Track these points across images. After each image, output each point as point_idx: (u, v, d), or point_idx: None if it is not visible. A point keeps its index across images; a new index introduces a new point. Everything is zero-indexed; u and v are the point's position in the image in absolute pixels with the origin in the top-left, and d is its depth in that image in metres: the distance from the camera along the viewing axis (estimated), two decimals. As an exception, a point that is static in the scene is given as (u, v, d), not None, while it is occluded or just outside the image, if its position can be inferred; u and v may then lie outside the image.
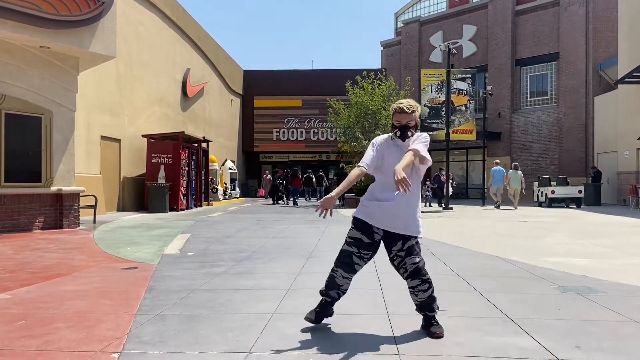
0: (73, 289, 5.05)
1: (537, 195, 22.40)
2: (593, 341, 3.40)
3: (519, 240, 9.27)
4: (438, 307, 3.60)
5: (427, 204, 21.68)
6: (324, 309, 3.68)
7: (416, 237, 3.52)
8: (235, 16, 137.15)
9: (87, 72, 13.01)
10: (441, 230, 11.12)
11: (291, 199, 24.46)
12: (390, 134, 3.61)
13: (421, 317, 3.63)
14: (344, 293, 3.64)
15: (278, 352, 3.18)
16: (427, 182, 21.37)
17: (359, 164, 3.48)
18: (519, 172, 19.47)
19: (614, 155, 22.61)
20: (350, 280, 3.57)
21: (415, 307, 3.63)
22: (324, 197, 3.39)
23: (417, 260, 3.47)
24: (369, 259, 3.54)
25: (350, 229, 3.57)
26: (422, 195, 19.99)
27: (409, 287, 3.52)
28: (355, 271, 3.52)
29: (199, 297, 4.70)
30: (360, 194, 19.54)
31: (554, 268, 6.20)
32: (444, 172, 20.62)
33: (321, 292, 3.66)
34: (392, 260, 3.54)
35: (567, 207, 20.24)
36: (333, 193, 3.39)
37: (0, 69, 10.17)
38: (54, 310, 4.21)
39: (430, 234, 10.33)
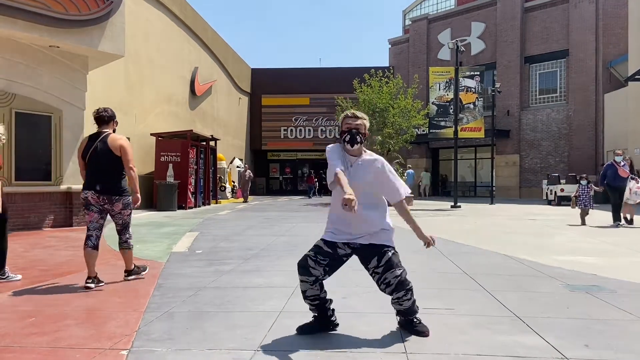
0: (83, 286, 5.09)
1: (547, 193, 22.26)
2: (602, 340, 3.38)
3: (527, 239, 9.22)
4: (418, 307, 3.51)
5: (583, 220, 12.07)
6: (315, 322, 3.52)
7: (392, 248, 3.41)
8: (243, 14, 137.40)
9: (96, 70, 13.09)
10: (450, 229, 11.08)
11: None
12: (338, 143, 3.54)
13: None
14: (315, 305, 3.43)
15: (286, 349, 3.19)
16: (582, 181, 12.53)
17: (337, 169, 3.28)
18: (429, 173, 30.11)
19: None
20: (313, 286, 3.34)
21: (396, 312, 3.52)
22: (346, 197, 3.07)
23: (399, 272, 3.32)
24: (327, 267, 3.36)
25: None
26: (575, 200, 12.46)
27: (394, 299, 3.38)
28: (310, 274, 3.31)
29: (207, 294, 4.72)
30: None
31: (563, 266, 6.17)
32: (620, 160, 11.93)
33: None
34: (371, 275, 3.43)
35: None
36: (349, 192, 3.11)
37: (11, 68, 10.26)
38: (64, 308, 4.25)
39: (439, 232, 10.30)
